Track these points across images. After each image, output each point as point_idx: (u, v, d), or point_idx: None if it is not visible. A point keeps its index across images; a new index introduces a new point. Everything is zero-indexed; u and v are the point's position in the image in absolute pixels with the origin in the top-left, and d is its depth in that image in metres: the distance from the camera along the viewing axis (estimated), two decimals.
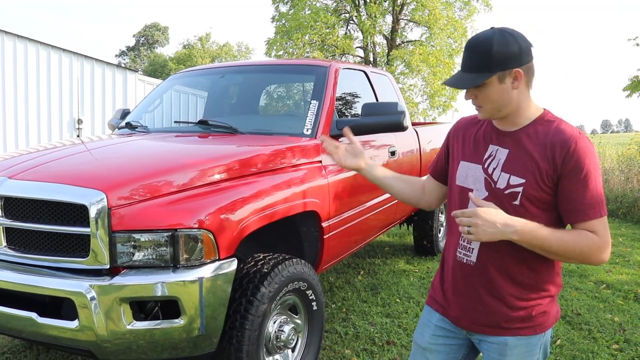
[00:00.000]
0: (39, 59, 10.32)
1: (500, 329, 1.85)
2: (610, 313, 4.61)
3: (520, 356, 1.85)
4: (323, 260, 3.66)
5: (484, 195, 1.82)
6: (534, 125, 1.81)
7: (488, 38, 1.74)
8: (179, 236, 2.47)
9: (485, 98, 1.77)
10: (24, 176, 2.70)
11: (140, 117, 4.61)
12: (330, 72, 4.19)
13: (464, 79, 1.77)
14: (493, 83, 1.74)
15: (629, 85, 10.25)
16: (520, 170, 1.76)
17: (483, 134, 1.92)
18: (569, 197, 1.72)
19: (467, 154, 1.93)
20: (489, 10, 22.91)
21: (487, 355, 1.91)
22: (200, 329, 2.53)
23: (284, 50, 22.42)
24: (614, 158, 11.96)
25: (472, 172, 1.89)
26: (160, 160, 3.09)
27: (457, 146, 2.00)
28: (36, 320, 2.50)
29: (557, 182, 1.73)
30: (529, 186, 1.74)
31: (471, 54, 1.76)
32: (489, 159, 1.85)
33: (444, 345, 2.01)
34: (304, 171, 3.43)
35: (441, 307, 2.01)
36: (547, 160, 1.73)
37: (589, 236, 1.70)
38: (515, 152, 1.80)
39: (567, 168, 1.70)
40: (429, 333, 2.03)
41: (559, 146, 1.72)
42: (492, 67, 1.72)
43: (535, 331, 1.85)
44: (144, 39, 60.89)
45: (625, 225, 9.00)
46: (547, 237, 1.67)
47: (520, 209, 1.75)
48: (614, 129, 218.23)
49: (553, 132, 1.76)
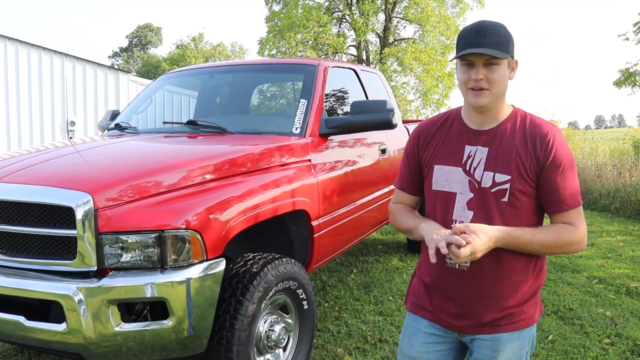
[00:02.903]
0: (30, 61, 10.28)
1: (496, 327, 1.87)
2: (602, 308, 4.62)
3: (513, 350, 1.89)
4: (314, 259, 3.66)
5: (469, 197, 1.82)
6: (509, 121, 1.84)
7: (498, 23, 1.76)
8: (166, 237, 2.46)
9: (494, 80, 1.75)
10: (11, 179, 2.69)
11: (129, 118, 4.60)
12: (319, 71, 4.19)
13: (488, 48, 1.71)
14: (504, 65, 1.76)
15: (619, 79, 10.32)
16: (504, 167, 1.78)
17: (456, 135, 1.90)
18: (550, 189, 1.77)
19: (441, 157, 1.91)
20: (481, 7, 22.95)
21: (479, 353, 1.92)
22: (189, 329, 2.52)
23: (277, 50, 22.39)
24: (606, 153, 12.00)
25: (452, 176, 1.87)
26: (148, 161, 3.08)
27: (427, 151, 1.96)
28: (24, 323, 2.49)
29: (539, 174, 1.77)
30: (516, 181, 1.77)
31: (489, 32, 1.72)
32: (469, 160, 1.84)
33: (435, 352, 1.99)
34: (293, 170, 3.43)
35: (429, 313, 1.98)
36: (529, 154, 1.77)
37: (568, 229, 1.77)
38: (496, 149, 1.81)
39: (548, 161, 1.75)
40: (418, 342, 2.00)
41: (538, 140, 1.77)
42: (508, 49, 1.74)
43: (527, 324, 1.89)
44: (137, 39, 60.74)
45: (618, 219, 9.04)
46: (531, 239, 1.74)
47: (509, 205, 1.78)
48: (607, 124, 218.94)
49: (530, 126, 1.81)
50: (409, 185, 2.07)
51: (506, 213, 1.78)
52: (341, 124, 3.86)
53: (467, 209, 1.83)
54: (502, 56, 1.72)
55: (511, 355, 1.89)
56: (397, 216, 2.06)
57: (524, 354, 1.93)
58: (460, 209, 1.84)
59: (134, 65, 57.48)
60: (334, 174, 3.85)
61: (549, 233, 1.76)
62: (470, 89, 1.78)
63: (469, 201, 1.82)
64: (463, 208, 1.84)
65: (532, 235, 1.74)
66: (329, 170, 3.80)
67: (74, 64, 11.08)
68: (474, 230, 1.65)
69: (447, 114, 2.00)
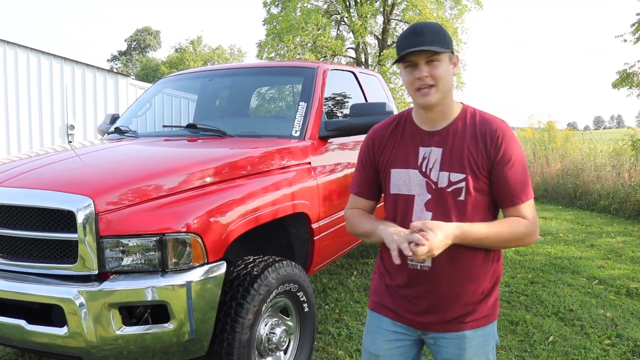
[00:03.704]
0: (29, 65, 10.30)
1: (460, 324, 1.90)
2: (603, 308, 4.63)
3: (478, 347, 1.92)
4: (314, 262, 3.67)
5: (427, 198, 1.85)
6: (460, 119, 1.88)
7: (434, 23, 1.83)
8: (167, 240, 2.47)
9: (438, 75, 1.78)
10: (11, 183, 2.70)
11: (129, 121, 4.61)
12: (319, 74, 4.20)
13: (427, 46, 1.74)
14: (446, 61, 1.81)
15: (617, 80, 10.34)
16: (458, 166, 1.82)
17: (409, 137, 1.93)
18: (502, 184, 1.82)
19: (398, 161, 1.93)
20: (480, 9, 23.00)
21: (445, 352, 1.94)
22: (190, 332, 2.52)
23: (276, 52, 22.42)
24: (605, 154, 11.99)
25: (409, 178, 1.89)
26: (148, 165, 3.08)
27: (383, 156, 1.98)
28: (25, 327, 2.49)
29: (491, 169, 1.82)
30: (470, 180, 1.81)
31: (426, 31, 1.77)
32: (424, 162, 1.87)
33: (398, 348, 2.00)
34: (293, 173, 3.44)
35: (391, 312, 1.99)
36: (480, 151, 1.81)
37: (521, 222, 1.82)
38: (449, 149, 1.85)
39: (498, 156, 1.80)
40: (381, 339, 2.01)
41: (488, 136, 1.82)
42: (446, 44, 1.79)
43: (490, 320, 1.94)
44: (135, 43, 60.79)
45: (618, 220, 9.04)
46: (487, 234, 1.78)
47: (465, 203, 1.82)
48: (606, 125, 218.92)
49: (480, 123, 1.85)
50: (364, 191, 2.08)
51: (463, 211, 1.82)
52: (341, 127, 3.87)
53: (425, 210, 1.86)
54: (441, 50, 1.76)
55: (478, 352, 1.92)
56: (354, 221, 2.07)
57: (490, 350, 1.96)
58: (419, 210, 1.87)
59: (132, 68, 57.53)
60: (333, 176, 3.86)
61: (503, 227, 1.80)
62: (417, 89, 1.81)
63: (427, 202, 1.85)
64: (422, 209, 1.86)
65: (488, 229, 1.78)
66: (328, 172, 3.80)
67: (73, 68, 11.09)
68: (431, 228, 1.66)
69: (398, 116, 2.02)
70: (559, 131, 13.67)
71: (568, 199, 10.96)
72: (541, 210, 10.18)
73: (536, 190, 11.93)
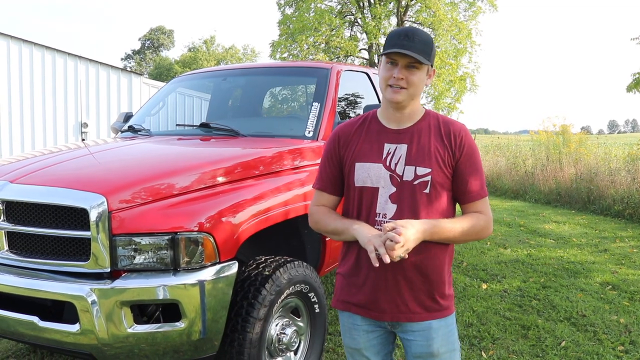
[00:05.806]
0: (44, 63, 10.38)
1: (425, 313, 1.98)
2: (616, 314, 4.58)
3: (445, 336, 2.02)
4: (325, 263, 3.65)
5: (392, 190, 1.94)
6: (424, 121, 2.01)
7: (427, 33, 1.97)
8: (180, 239, 2.47)
9: (412, 81, 1.91)
10: (25, 180, 2.71)
11: (142, 120, 4.62)
12: (332, 74, 4.19)
13: (413, 52, 1.87)
14: (424, 71, 1.95)
15: (631, 83, 10.23)
16: (424, 160, 1.93)
17: (375, 134, 2.03)
18: (462, 181, 1.97)
19: (362, 155, 2.01)
20: (494, 11, 22.86)
21: (414, 344, 2.02)
22: (202, 332, 2.52)
23: (289, 53, 22.44)
24: (620, 158, 11.87)
25: (373, 172, 1.97)
26: (161, 164, 3.09)
27: (348, 151, 2.05)
28: (37, 324, 2.51)
29: (455, 167, 1.96)
30: (436, 173, 1.92)
31: (417, 38, 1.90)
32: (388, 157, 1.97)
33: (376, 338, 2.09)
34: (306, 173, 3.43)
35: (360, 309, 2.05)
36: (445, 148, 1.95)
37: (480, 217, 1.97)
38: (415, 145, 1.96)
39: (462, 154, 1.95)
40: (359, 334, 2.09)
41: (452, 135, 1.96)
42: (430, 58, 1.94)
43: (451, 311, 2.04)
44: (149, 42, 61.20)
45: (632, 225, 8.94)
46: (452, 228, 1.90)
47: (430, 196, 1.93)
48: (620, 130, 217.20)
49: (443, 124, 2.00)
50: (329, 186, 2.12)
51: (427, 204, 1.93)
52: None
53: (390, 202, 1.95)
54: (424, 62, 1.90)
55: (445, 341, 2.01)
56: (322, 218, 2.10)
57: (455, 339, 2.06)
58: (383, 202, 1.95)
59: (146, 67, 57.89)
60: None
61: (465, 221, 1.94)
62: (390, 85, 1.93)
63: (392, 195, 1.94)
64: (386, 201, 1.95)
65: (453, 224, 1.91)
66: None
67: (87, 66, 11.17)
68: (402, 225, 1.77)
69: (363, 116, 2.13)
70: (572, 135, 13.51)
71: (581, 204, 10.86)
72: (554, 215, 10.10)
73: (549, 195, 11.87)
